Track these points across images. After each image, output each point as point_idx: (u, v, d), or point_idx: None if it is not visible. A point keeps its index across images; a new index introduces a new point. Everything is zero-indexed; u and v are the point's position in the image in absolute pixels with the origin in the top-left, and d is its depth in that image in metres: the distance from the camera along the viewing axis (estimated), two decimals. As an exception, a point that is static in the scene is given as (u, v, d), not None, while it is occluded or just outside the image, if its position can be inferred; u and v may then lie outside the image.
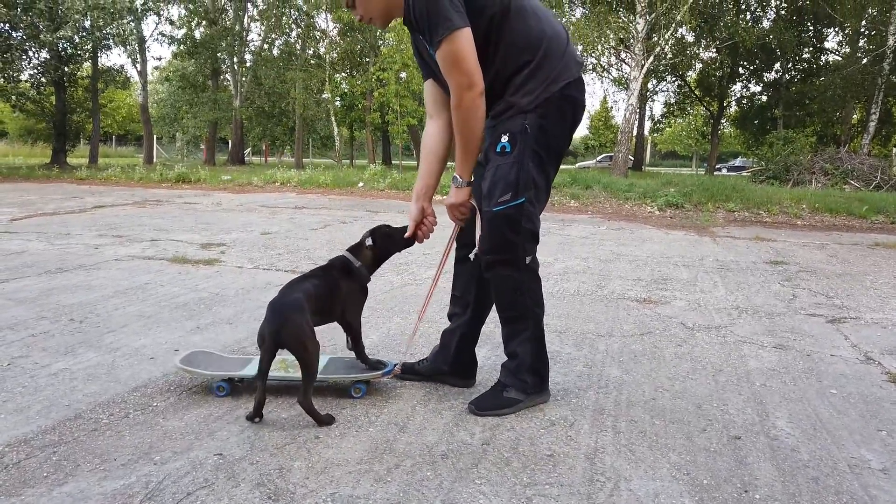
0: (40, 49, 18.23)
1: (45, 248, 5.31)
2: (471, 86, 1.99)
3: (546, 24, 2.10)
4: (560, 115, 2.11)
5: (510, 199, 2.08)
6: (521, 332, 2.23)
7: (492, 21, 2.01)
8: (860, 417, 2.28)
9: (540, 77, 2.06)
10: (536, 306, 2.23)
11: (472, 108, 2.02)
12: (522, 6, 2.06)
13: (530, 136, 2.07)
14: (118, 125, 46.24)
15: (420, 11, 1.96)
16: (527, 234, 2.13)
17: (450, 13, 1.91)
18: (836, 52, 27.15)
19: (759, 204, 10.24)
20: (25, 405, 2.18)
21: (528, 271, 2.18)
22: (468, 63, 1.96)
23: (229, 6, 26.25)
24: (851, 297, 4.29)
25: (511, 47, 2.04)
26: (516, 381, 2.25)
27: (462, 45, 1.94)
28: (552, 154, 2.15)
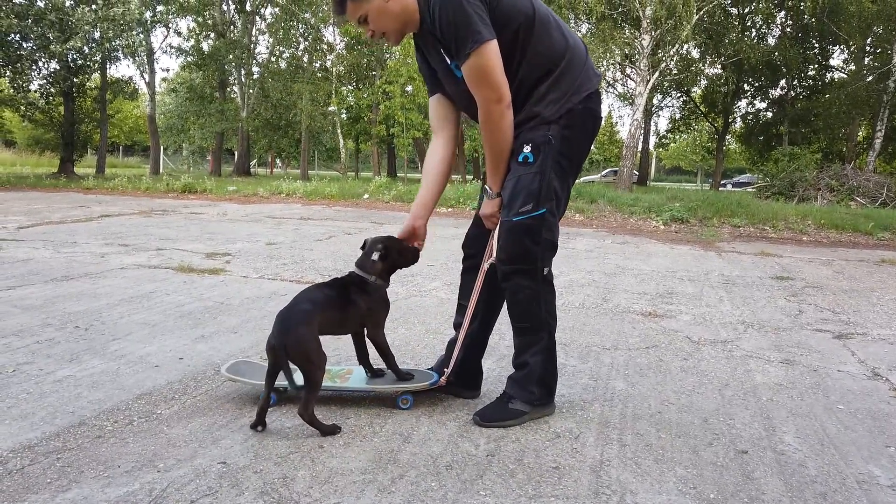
0: (50, 60, 18.38)
1: (52, 255, 5.33)
2: (499, 99, 1.99)
3: (568, 36, 2.11)
4: (582, 127, 2.12)
5: (532, 209, 2.08)
6: (535, 343, 2.22)
7: (517, 33, 2.01)
8: (868, 433, 2.26)
9: (563, 87, 2.07)
10: (551, 318, 2.23)
11: (501, 120, 2.03)
12: (547, 18, 2.06)
13: (554, 147, 2.07)
14: (125, 135, 46.53)
15: (447, 24, 1.94)
16: (546, 244, 2.13)
17: (478, 26, 1.91)
18: (842, 69, 27.20)
19: (765, 219, 10.22)
20: (30, 411, 2.18)
21: (545, 282, 2.18)
22: (496, 76, 1.96)
23: (237, 19, 26.49)
24: (858, 312, 4.27)
25: (535, 57, 2.04)
26: (523, 393, 2.24)
27: (490, 57, 1.93)
28: (573, 165, 2.16)
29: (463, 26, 1.91)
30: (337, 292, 2.23)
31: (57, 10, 16.47)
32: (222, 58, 25.05)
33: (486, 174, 2.17)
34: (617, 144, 48.24)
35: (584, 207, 11.38)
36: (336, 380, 2.37)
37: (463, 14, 1.90)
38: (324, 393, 2.37)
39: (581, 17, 20.71)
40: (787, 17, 26.45)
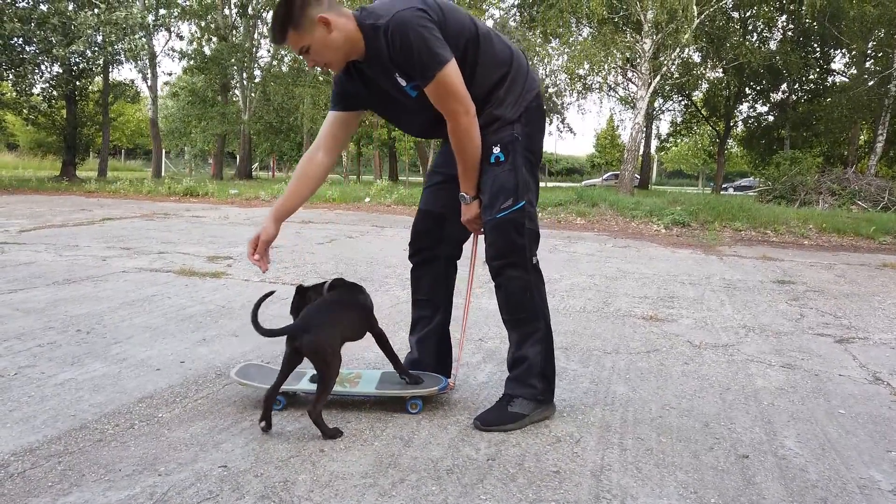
0: (53, 63, 18.43)
1: (54, 259, 5.34)
2: (466, 111, 2.09)
3: (510, 45, 2.25)
4: (538, 123, 2.26)
5: (512, 203, 2.17)
6: (533, 333, 2.26)
7: (466, 47, 2.11)
8: (869, 438, 2.26)
9: (516, 89, 2.20)
10: (544, 306, 2.30)
11: (470, 129, 2.12)
12: (488, 33, 2.19)
13: (520, 144, 2.19)
14: (127, 139, 46.59)
15: (406, 52, 1.98)
16: (530, 234, 2.23)
17: (438, 49, 1.99)
18: (843, 73, 27.21)
19: (766, 223, 10.22)
20: (31, 414, 2.18)
21: (535, 271, 2.27)
22: (460, 90, 2.05)
23: (240, 23, 26.56)
24: (859, 317, 4.27)
25: (485, 67, 2.15)
26: (524, 389, 2.25)
27: (453, 75, 2.03)
28: (537, 157, 2.29)
29: (424, 51, 1.98)
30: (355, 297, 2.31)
31: (60, 14, 16.52)
32: (224, 61, 25.11)
33: (460, 181, 2.24)
34: (618, 148, 48.26)
35: (586, 211, 11.38)
36: (346, 384, 2.38)
37: (421, 39, 1.97)
38: (333, 397, 2.37)
39: (582, 20, 20.76)
40: (788, 21, 26.48)
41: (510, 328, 2.31)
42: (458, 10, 2.15)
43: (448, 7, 2.11)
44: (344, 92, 2.26)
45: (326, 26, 1.99)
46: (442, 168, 2.43)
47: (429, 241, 2.47)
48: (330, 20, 1.99)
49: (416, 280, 2.56)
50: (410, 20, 1.97)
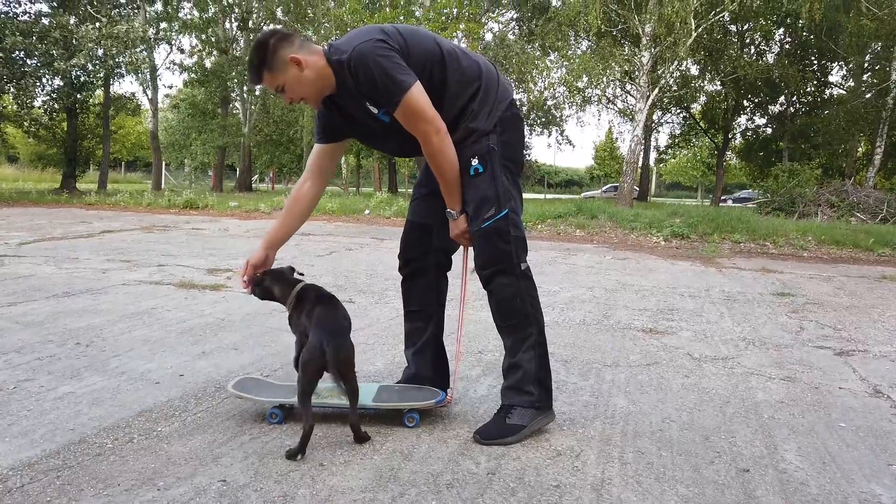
0: (54, 76, 18.52)
1: (53, 271, 5.34)
2: (437, 130, 2.13)
3: (476, 58, 2.29)
4: (514, 130, 2.29)
5: (495, 212, 2.21)
6: (526, 338, 2.26)
7: (432, 69, 2.16)
8: (870, 451, 2.25)
9: (489, 101, 2.23)
10: (537, 312, 2.30)
11: (443, 148, 2.16)
12: (452, 51, 2.23)
13: (497, 153, 2.22)
14: (127, 151, 46.74)
15: (369, 82, 2.06)
16: (516, 241, 2.25)
17: (400, 75, 2.05)
18: (841, 85, 27.36)
19: (765, 236, 10.23)
20: (30, 428, 2.18)
21: (525, 277, 2.27)
22: (428, 111, 2.10)
23: (240, 36, 26.72)
24: (859, 329, 4.27)
25: (455, 85, 2.20)
26: (521, 397, 2.25)
27: (418, 98, 2.08)
28: (517, 165, 2.32)
29: (386, 79, 2.05)
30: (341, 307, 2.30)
31: (61, 27, 16.63)
32: (225, 74, 25.25)
33: (444, 199, 2.29)
34: (617, 160, 48.42)
35: (585, 223, 11.40)
36: (343, 397, 2.37)
37: (381, 68, 2.04)
38: (330, 410, 2.37)
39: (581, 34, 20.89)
40: (785, 35, 26.67)
41: (503, 334, 2.33)
42: (421, 33, 2.22)
43: (410, 32, 2.19)
44: (326, 126, 2.36)
45: (298, 65, 2.10)
46: (426, 182, 2.48)
47: (417, 251, 2.51)
48: (300, 59, 2.09)
49: (406, 291, 2.58)
50: (369, 52, 2.05)
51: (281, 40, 2.12)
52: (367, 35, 2.10)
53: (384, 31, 2.12)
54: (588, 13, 16.82)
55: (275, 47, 2.10)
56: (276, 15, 25.88)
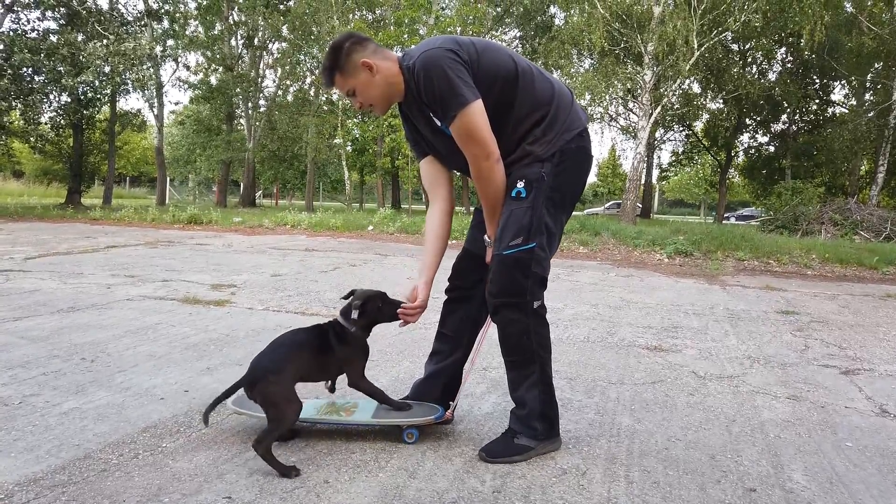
0: (61, 93, 18.70)
1: (58, 286, 5.36)
2: (487, 155, 2.08)
3: (553, 82, 2.22)
4: (575, 164, 2.19)
5: (521, 242, 2.12)
6: (528, 377, 2.23)
7: (504, 87, 2.11)
8: (877, 471, 2.24)
9: (555, 128, 2.15)
10: (543, 349, 2.23)
11: (491, 175, 2.12)
12: (528, 70, 2.16)
13: (546, 183, 2.13)
14: (132, 166, 47.01)
15: (429, 90, 2.04)
16: (536, 278, 2.16)
17: (461, 89, 2.00)
18: (843, 104, 27.46)
19: (769, 253, 10.23)
20: (36, 444, 2.18)
21: (536, 316, 2.19)
22: (482, 133, 2.05)
23: (245, 53, 26.97)
24: (864, 348, 4.25)
25: (524, 106, 2.14)
26: (526, 429, 2.24)
27: (475, 118, 2.02)
28: (567, 201, 2.22)
29: (447, 90, 2.01)
30: (316, 338, 2.26)
31: (69, 44, 16.80)
32: (230, 91, 25.45)
33: (486, 223, 2.26)
34: (620, 177, 48.53)
35: (588, 240, 11.41)
36: (341, 413, 2.37)
37: (445, 79, 2.00)
38: (329, 427, 2.37)
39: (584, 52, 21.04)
40: (787, 54, 26.83)
41: (507, 367, 2.29)
42: (498, 49, 2.16)
43: (485, 47, 2.13)
44: (413, 140, 2.35)
45: (369, 70, 2.10)
46: None
47: (466, 280, 2.44)
48: (372, 64, 2.10)
49: (445, 313, 2.51)
50: (436, 59, 2.02)
51: (355, 44, 2.13)
52: (441, 42, 2.07)
53: (457, 42, 2.08)
54: (591, 32, 16.95)
55: (348, 50, 2.11)
56: (282, 32, 26.14)
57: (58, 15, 18.42)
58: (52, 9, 17.81)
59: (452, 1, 25.52)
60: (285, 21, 25.45)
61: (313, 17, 23.89)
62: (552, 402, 2.26)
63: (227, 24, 25.63)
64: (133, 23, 20.16)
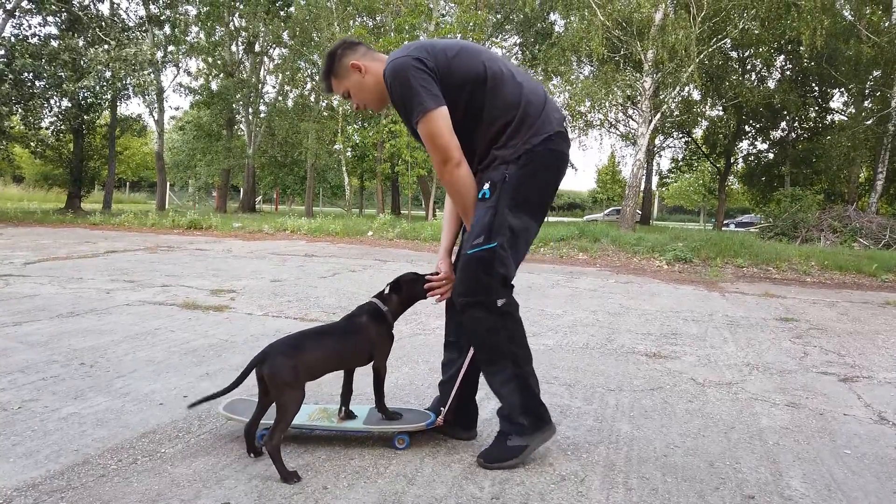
0: (62, 98, 18.73)
1: (58, 291, 5.36)
2: (446, 161, 2.15)
3: (524, 86, 2.22)
4: (542, 166, 2.20)
5: (483, 242, 2.15)
6: (499, 372, 2.23)
7: (473, 92, 2.17)
8: (875, 479, 2.24)
9: (522, 132, 2.18)
10: (514, 345, 2.22)
11: (452, 179, 2.18)
12: (498, 73, 2.19)
13: (509, 185, 2.16)
14: (132, 171, 47.03)
15: (395, 96, 2.16)
16: (499, 277, 2.17)
17: (422, 97, 2.09)
18: (842, 112, 27.51)
19: (768, 260, 10.23)
20: (35, 449, 2.18)
21: (502, 314, 2.19)
22: (441, 140, 2.12)
23: (246, 59, 27.03)
24: (863, 355, 4.26)
25: (493, 110, 2.18)
26: (514, 427, 2.24)
27: (435, 124, 2.10)
28: (533, 203, 2.22)
29: (409, 98, 2.11)
30: (346, 324, 2.31)
31: (70, 50, 16.85)
32: (230, 96, 25.50)
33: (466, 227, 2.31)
34: (620, 184, 48.58)
35: (588, 246, 11.42)
36: (333, 419, 2.37)
37: (409, 87, 2.10)
38: (322, 433, 2.38)
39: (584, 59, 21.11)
40: (786, 61, 26.89)
41: (480, 366, 2.30)
42: (473, 54, 2.20)
43: (458, 52, 2.18)
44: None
45: (359, 71, 2.24)
46: None
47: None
48: (361, 65, 2.25)
49: (447, 321, 2.51)
50: (402, 67, 2.12)
51: (346, 48, 2.27)
52: (410, 50, 2.15)
53: (427, 49, 2.15)
54: (591, 39, 17.00)
55: (340, 55, 2.26)
56: (283, 38, 26.20)
57: (59, 20, 18.49)
58: (53, 14, 17.87)
59: (453, 7, 25.60)
60: (286, 27, 25.52)
61: (314, 23, 23.97)
62: (530, 391, 2.25)
63: (228, 29, 25.70)
64: (134, 28, 20.23)
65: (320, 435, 2.42)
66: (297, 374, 2.08)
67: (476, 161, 2.25)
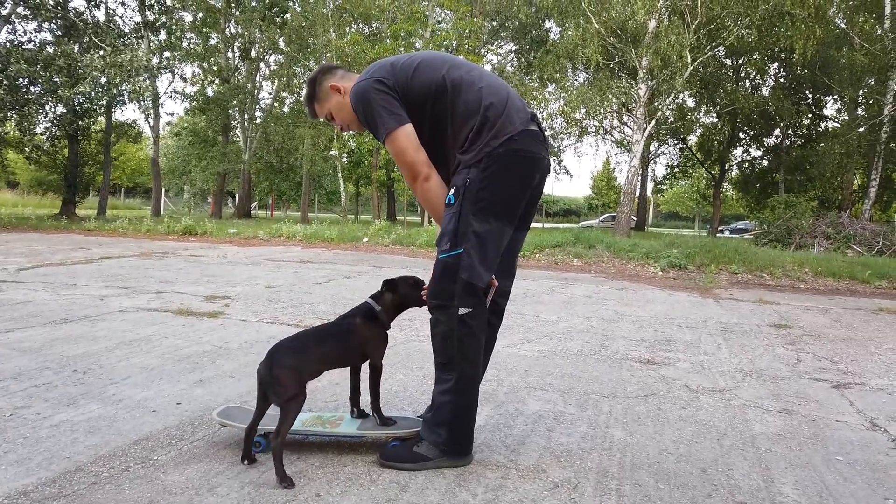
0: (57, 104, 18.71)
1: (51, 298, 5.34)
2: (415, 176, 2.21)
3: (485, 91, 2.19)
4: (504, 168, 2.15)
5: (449, 248, 2.16)
6: (445, 381, 2.21)
7: (435, 103, 2.20)
8: (867, 485, 2.25)
9: (483, 136, 2.16)
10: (466, 362, 2.19)
11: (423, 193, 2.23)
12: (457, 81, 2.20)
13: (470, 189, 2.15)
14: (127, 177, 46.97)
15: (362, 119, 2.24)
16: (462, 284, 2.14)
17: (384, 118, 2.15)
18: (835, 119, 27.68)
19: (762, 267, 10.27)
20: (26, 456, 2.17)
21: (461, 323, 2.16)
22: (408, 156, 2.17)
23: (242, 65, 27.06)
24: (856, 362, 4.28)
25: (456, 118, 2.20)
26: (430, 434, 2.23)
27: (400, 143, 2.16)
28: (499, 206, 2.17)
29: (372, 119, 2.18)
30: (340, 323, 2.35)
31: (66, 56, 16.84)
32: (226, 102, 25.51)
33: None
34: (615, 190, 48.75)
35: (583, 253, 11.44)
36: (327, 425, 2.38)
37: (370, 107, 2.17)
38: (315, 439, 2.38)
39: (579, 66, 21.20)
40: (779, 69, 27.07)
41: (435, 367, 2.27)
42: (434, 67, 2.22)
43: (419, 66, 2.21)
44: None
45: (338, 92, 2.31)
46: None
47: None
48: (340, 87, 2.31)
49: None
50: (363, 91, 2.18)
51: (325, 73, 2.36)
52: (372, 73, 2.21)
53: (388, 70, 2.20)
54: (586, 46, 17.08)
55: (320, 80, 2.34)
56: (279, 45, 26.25)
57: (55, 26, 18.49)
58: (49, 20, 17.88)
59: (448, 15, 25.69)
60: (282, 34, 25.57)
61: (309, 29, 24.03)
62: (463, 415, 2.22)
63: (224, 36, 25.73)
64: (130, 34, 20.24)
65: (313, 441, 2.42)
66: (301, 374, 2.13)
67: (452, 169, 2.27)
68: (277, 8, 25.74)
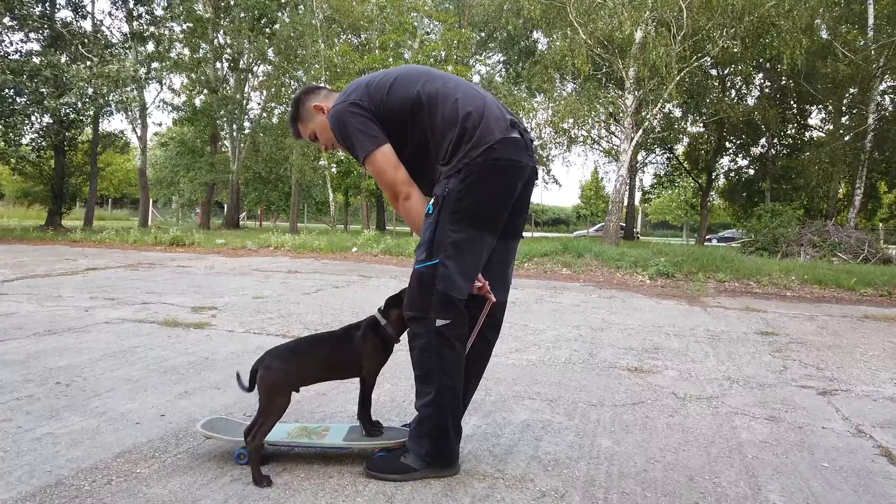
0: (43, 114, 18.60)
1: (35, 309, 5.29)
2: (395, 196, 2.24)
3: (461, 102, 2.16)
4: (483, 178, 2.11)
5: (425, 258, 2.15)
6: (426, 394, 2.19)
7: (414, 118, 2.20)
8: (853, 492, 2.26)
9: (462, 146, 2.13)
10: (445, 375, 2.16)
11: (404, 210, 2.25)
12: (433, 95, 2.18)
13: (449, 200, 2.12)
14: (114, 188, 46.68)
15: (340, 141, 2.26)
16: (440, 296, 2.12)
17: (360, 140, 2.18)
18: (820, 128, 28.00)
19: (749, 275, 10.33)
20: (6, 470, 2.14)
21: (439, 335, 2.13)
22: (387, 177, 2.20)
23: (230, 76, 27.02)
24: (842, 369, 4.30)
25: (436, 130, 2.18)
26: (415, 446, 2.22)
27: (378, 164, 2.18)
28: (478, 216, 2.14)
29: (349, 141, 2.20)
30: (342, 333, 2.37)
31: (52, 66, 16.75)
32: (214, 113, 25.44)
33: None
34: (603, 199, 48.97)
35: (571, 261, 11.47)
36: (313, 436, 2.36)
37: (346, 131, 2.19)
38: (301, 451, 2.36)
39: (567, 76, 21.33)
40: (765, 79, 27.38)
41: (415, 379, 2.25)
42: (409, 80, 2.22)
43: (395, 83, 2.21)
44: None
45: (322, 112, 2.33)
46: None
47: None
48: (323, 107, 2.33)
49: None
50: (339, 115, 2.21)
51: (308, 93, 2.39)
52: (348, 95, 2.23)
53: (363, 89, 2.22)
54: (575, 57, 17.19)
55: (303, 100, 2.37)
56: (268, 55, 26.24)
57: (41, 37, 18.41)
58: (35, 31, 17.79)
59: (437, 25, 25.82)
60: (271, 44, 25.57)
61: (298, 40, 24.05)
62: (444, 427, 2.20)
63: (213, 46, 25.70)
64: (117, 45, 20.18)
65: (299, 453, 2.40)
66: (288, 379, 2.15)
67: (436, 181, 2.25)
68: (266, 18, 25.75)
